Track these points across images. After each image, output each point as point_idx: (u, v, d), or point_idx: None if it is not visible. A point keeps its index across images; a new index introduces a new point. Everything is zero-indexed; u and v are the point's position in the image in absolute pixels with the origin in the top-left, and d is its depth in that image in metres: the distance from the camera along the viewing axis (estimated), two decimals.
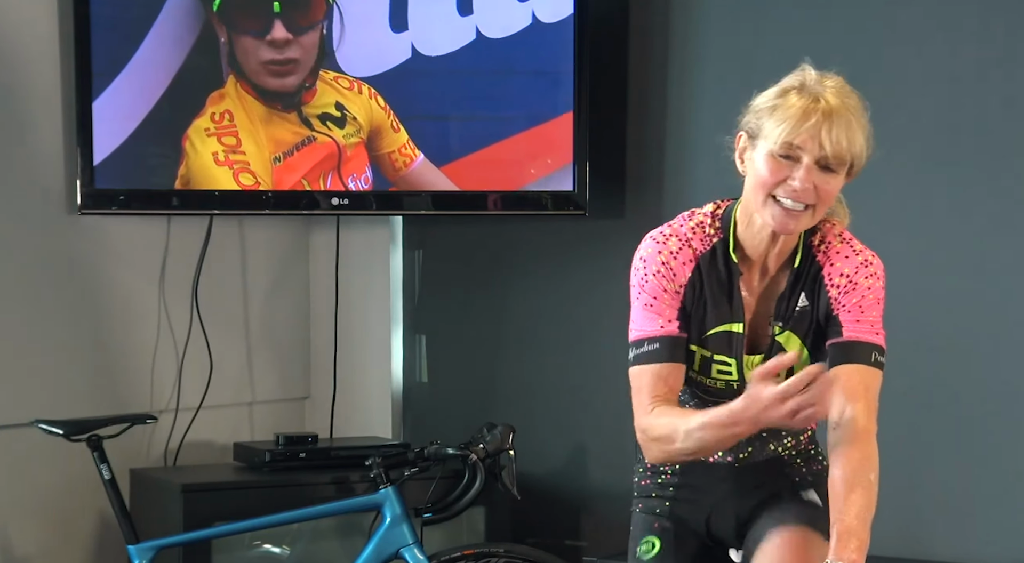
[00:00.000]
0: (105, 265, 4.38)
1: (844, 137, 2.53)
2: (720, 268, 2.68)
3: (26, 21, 4.18)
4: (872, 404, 2.60)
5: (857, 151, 2.57)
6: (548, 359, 4.61)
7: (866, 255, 2.68)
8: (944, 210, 3.95)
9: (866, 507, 2.51)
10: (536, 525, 4.55)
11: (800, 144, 2.54)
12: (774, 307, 2.68)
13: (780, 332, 2.68)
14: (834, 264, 2.66)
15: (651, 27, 4.41)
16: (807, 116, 2.53)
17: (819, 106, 2.53)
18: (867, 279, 2.65)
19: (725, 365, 2.70)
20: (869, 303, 2.64)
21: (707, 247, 2.68)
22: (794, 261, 2.67)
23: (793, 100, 2.56)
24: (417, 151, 4.36)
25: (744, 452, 2.80)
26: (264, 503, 4.03)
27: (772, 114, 2.56)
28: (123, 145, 4.21)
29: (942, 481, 3.96)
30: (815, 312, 2.67)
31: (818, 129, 2.53)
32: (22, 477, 4.17)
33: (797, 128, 2.53)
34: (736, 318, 2.68)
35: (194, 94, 4.27)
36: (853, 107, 2.57)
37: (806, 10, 4.14)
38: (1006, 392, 3.87)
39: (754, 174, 2.59)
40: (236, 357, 4.69)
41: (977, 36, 3.90)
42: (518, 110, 4.41)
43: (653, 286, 2.66)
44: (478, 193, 4.44)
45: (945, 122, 3.94)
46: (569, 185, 4.42)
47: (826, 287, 2.66)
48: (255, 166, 4.28)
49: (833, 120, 2.53)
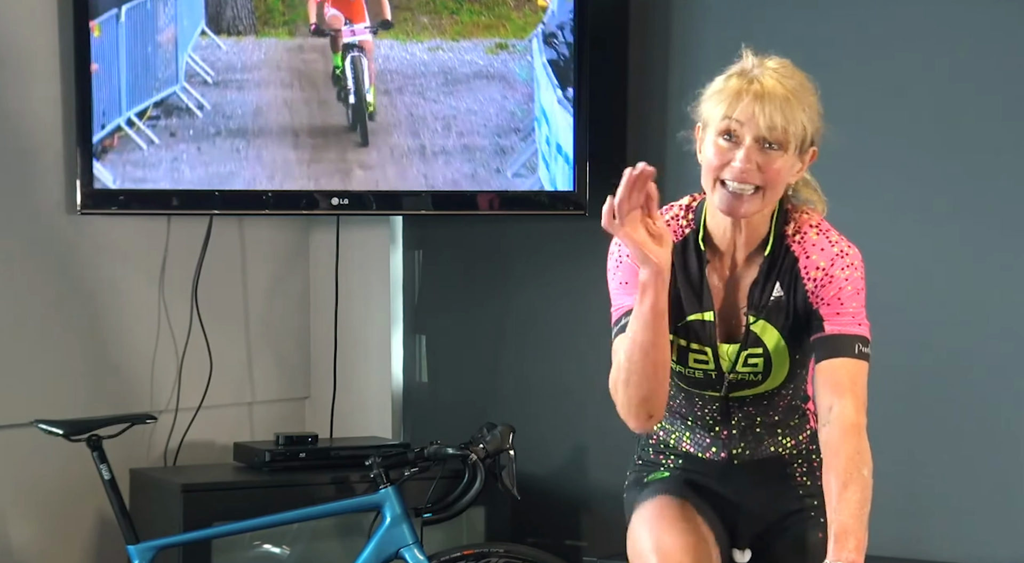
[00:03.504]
0: (105, 265, 4.38)
1: (779, 115, 2.55)
2: (691, 258, 2.70)
3: (26, 21, 4.18)
4: (860, 397, 2.59)
5: (797, 129, 2.58)
6: (548, 359, 4.61)
7: (842, 246, 2.67)
8: (943, 209, 3.95)
9: (861, 503, 2.50)
10: (536, 525, 4.54)
11: (737, 123, 2.57)
12: (746, 297, 2.69)
13: (754, 321, 2.68)
14: (810, 257, 2.67)
15: (652, 26, 4.41)
16: (740, 96, 2.57)
17: (752, 87, 2.57)
18: (843, 270, 2.65)
19: (701, 354, 2.71)
20: (848, 294, 2.63)
21: (679, 238, 2.71)
22: (765, 249, 2.68)
23: (732, 83, 2.60)
24: None
25: (737, 447, 2.79)
26: (264, 503, 4.03)
27: (712, 99, 2.62)
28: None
29: (942, 481, 3.96)
30: (792, 303, 2.67)
31: (752, 108, 2.56)
32: (22, 477, 4.17)
33: (732, 109, 2.57)
34: (706, 307, 2.69)
35: None
36: (792, 86, 2.58)
37: (807, 10, 4.14)
38: (1006, 392, 3.87)
39: (704, 159, 2.64)
40: (236, 357, 4.69)
41: (977, 36, 3.90)
42: None
43: (625, 268, 2.68)
44: (478, 193, 4.44)
45: (944, 121, 3.94)
46: (569, 185, 4.43)
47: (803, 280, 2.66)
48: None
49: (766, 98, 2.56)
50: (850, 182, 4.05)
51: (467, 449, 3.92)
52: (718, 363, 2.71)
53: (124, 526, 3.88)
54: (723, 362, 2.70)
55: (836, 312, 2.63)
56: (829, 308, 2.63)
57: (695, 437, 2.82)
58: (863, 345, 2.62)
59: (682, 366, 2.73)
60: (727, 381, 2.72)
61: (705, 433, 2.81)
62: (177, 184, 4.28)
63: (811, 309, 2.65)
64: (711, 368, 2.72)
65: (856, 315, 2.63)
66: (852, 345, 2.61)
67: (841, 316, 2.62)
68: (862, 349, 2.62)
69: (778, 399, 2.77)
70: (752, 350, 2.69)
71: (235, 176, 4.30)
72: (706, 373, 2.72)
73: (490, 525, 4.40)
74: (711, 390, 2.75)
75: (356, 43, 4.36)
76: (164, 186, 4.27)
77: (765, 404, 2.77)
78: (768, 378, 2.72)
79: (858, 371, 2.60)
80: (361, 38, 4.36)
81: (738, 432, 2.78)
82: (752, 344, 2.69)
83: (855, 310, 2.63)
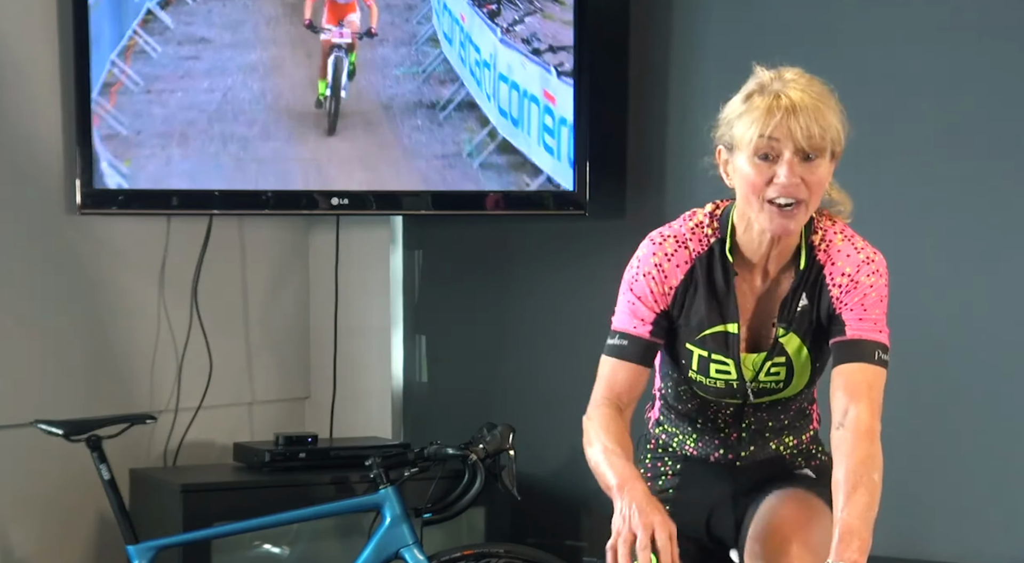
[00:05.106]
0: (105, 265, 4.38)
1: (815, 124, 2.54)
2: (717, 269, 2.68)
3: (26, 22, 4.18)
4: (876, 403, 2.59)
5: (834, 134, 2.57)
6: (548, 359, 4.61)
7: (868, 253, 2.67)
8: (946, 210, 3.95)
9: (868, 507, 2.50)
10: (536, 525, 4.55)
11: (775, 142, 2.54)
12: (777, 309, 2.68)
13: (784, 334, 2.68)
14: (835, 263, 2.66)
15: (652, 26, 4.41)
16: (772, 113, 2.54)
17: (782, 102, 2.54)
18: (869, 277, 2.64)
19: (723, 365, 2.70)
20: (872, 301, 2.63)
21: (704, 248, 2.68)
22: (799, 262, 2.67)
23: (757, 102, 2.56)
24: None
25: (746, 450, 2.80)
26: (264, 503, 4.03)
27: (740, 121, 2.58)
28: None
29: (942, 481, 3.96)
30: (815, 311, 2.67)
31: (787, 123, 2.53)
32: (22, 477, 4.17)
33: (767, 127, 2.54)
34: (731, 319, 2.68)
35: None
36: (817, 93, 2.57)
37: (807, 10, 4.14)
38: (1006, 392, 3.87)
39: (742, 181, 2.59)
40: (236, 357, 4.69)
41: (978, 35, 3.89)
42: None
43: (641, 287, 2.67)
44: (478, 193, 4.44)
45: (947, 121, 3.94)
46: (569, 185, 4.43)
47: (828, 286, 2.65)
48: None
49: (799, 110, 2.53)
50: (850, 182, 4.05)
51: (467, 449, 3.92)
52: (740, 373, 2.70)
53: (124, 526, 3.87)
54: (746, 372, 2.70)
55: (859, 317, 2.62)
56: (852, 313, 2.63)
57: (702, 440, 2.82)
58: (883, 352, 2.62)
59: (703, 376, 2.72)
60: (749, 390, 2.72)
61: (714, 436, 2.80)
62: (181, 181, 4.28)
63: (833, 314, 2.64)
64: (733, 378, 2.71)
65: (878, 322, 2.63)
66: (872, 351, 2.61)
67: (863, 322, 2.62)
68: (881, 356, 2.62)
69: (792, 403, 2.78)
70: (776, 359, 2.69)
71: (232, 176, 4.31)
72: (728, 383, 2.71)
73: (490, 525, 4.40)
74: (730, 398, 2.74)
75: (343, 44, 4.36)
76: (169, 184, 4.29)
77: (779, 409, 2.77)
78: (790, 386, 2.72)
79: (876, 377, 2.60)
80: (347, 41, 4.37)
81: (748, 435, 2.78)
82: (777, 354, 2.68)
83: (877, 317, 2.63)
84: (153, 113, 4.22)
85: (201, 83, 4.25)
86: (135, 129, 4.21)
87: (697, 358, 2.70)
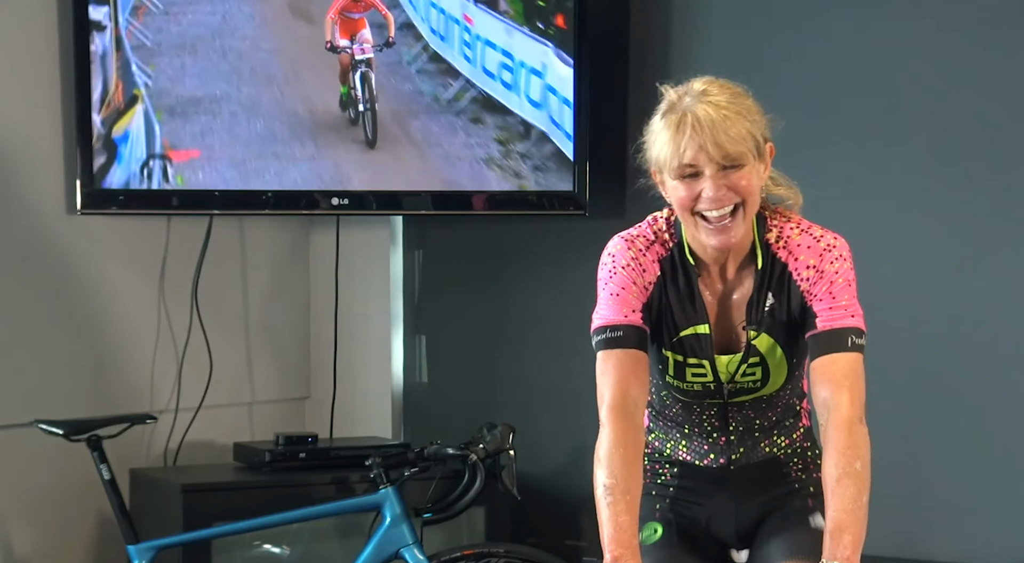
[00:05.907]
0: (105, 265, 4.38)
1: (725, 136, 2.54)
2: (679, 271, 2.69)
3: (25, 22, 4.18)
4: (856, 390, 2.58)
5: (747, 141, 2.56)
6: (548, 359, 4.61)
7: (828, 240, 2.67)
8: (944, 209, 3.95)
9: (855, 497, 2.49)
10: (536, 525, 4.54)
11: (690, 160, 2.56)
12: (744, 311, 2.68)
13: (755, 336, 2.68)
14: (798, 258, 2.66)
15: (652, 26, 4.41)
16: (681, 132, 2.55)
17: (687, 119, 2.55)
18: (832, 263, 2.64)
19: (699, 368, 2.70)
20: (840, 287, 2.63)
21: (667, 251, 2.71)
22: (756, 262, 2.67)
23: (666, 123, 2.58)
24: None
25: (736, 453, 2.79)
26: (264, 503, 4.03)
27: (656, 145, 2.60)
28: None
29: (942, 481, 3.96)
30: (786, 308, 2.67)
31: (696, 141, 2.54)
32: (22, 477, 4.17)
33: (678, 147, 2.55)
34: (700, 320, 2.69)
35: None
36: (724, 102, 2.57)
37: (808, 10, 4.14)
38: (1006, 392, 3.87)
39: (674, 200, 2.62)
40: (236, 357, 4.69)
41: (978, 35, 3.90)
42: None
43: (622, 278, 2.68)
44: (478, 193, 4.44)
45: (945, 121, 3.94)
46: (569, 185, 4.43)
47: (795, 281, 2.66)
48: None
49: (705, 127, 2.54)
50: (850, 182, 4.05)
51: (467, 449, 3.92)
52: (716, 375, 2.71)
53: (124, 526, 3.88)
54: (722, 374, 2.71)
55: (829, 307, 2.62)
56: (822, 303, 2.63)
57: (692, 445, 2.82)
58: (856, 336, 2.61)
59: (680, 381, 2.73)
60: (726, 390, 2.72)
61: (703, 440, 2.80)
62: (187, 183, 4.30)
63: (805, 307, 2.65)
64: (710, 380, 2.71)
65: (849, 307, 2.63)
66: (845, 338, 2.60)
67: (834, 310, 2.62)
68: (855, 340, 2.61)
69: (776, 400, 2.77)
70: (751, 359, 2.69)
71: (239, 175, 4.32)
72: (705, 385, 2.72)
73: (490, 525, 4.40)
74: (709, 399, 2.75)
75: (365, 60, 4.38)
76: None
77: (764, 406, 2.77)
78: (767, 384, 2.72)
79: (853, 363, 2.60)
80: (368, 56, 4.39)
81: (736, 437, 2.78)
82: (751, 355, 2.69)
83: (848, 302, 2.63)
84: (171, 29, 4.28)
85: (206, 7, 4.32)
86: (157, 42, 4.27)
87: (673, 363, 2.71)
